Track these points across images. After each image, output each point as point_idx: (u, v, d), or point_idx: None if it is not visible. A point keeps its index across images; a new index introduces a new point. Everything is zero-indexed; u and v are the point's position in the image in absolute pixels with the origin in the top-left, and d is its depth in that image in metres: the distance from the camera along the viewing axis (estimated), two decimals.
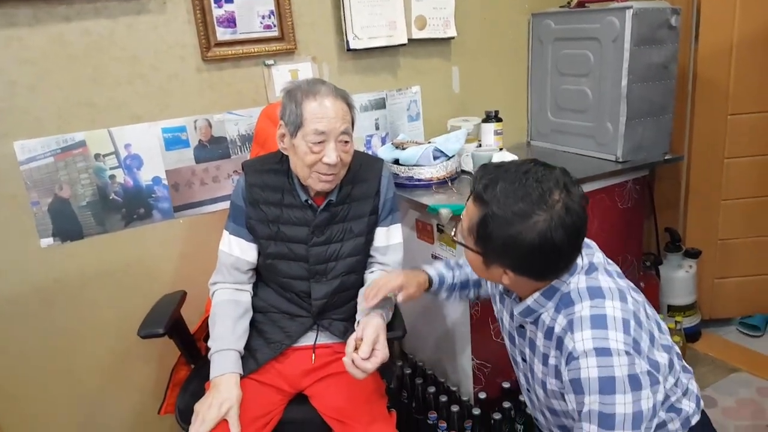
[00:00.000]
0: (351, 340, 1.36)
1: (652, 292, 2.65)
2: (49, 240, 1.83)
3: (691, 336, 2.71)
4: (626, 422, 1.06)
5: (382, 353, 1.34)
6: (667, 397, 1.26)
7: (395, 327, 1.53)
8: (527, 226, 1.08)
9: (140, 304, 1.83)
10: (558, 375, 1.19)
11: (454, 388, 2.11)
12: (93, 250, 1.90)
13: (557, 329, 1.17)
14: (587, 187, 2.13)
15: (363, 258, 1.65)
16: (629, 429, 1.06)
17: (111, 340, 1.98)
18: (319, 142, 1.45)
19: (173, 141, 1.94)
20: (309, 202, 1.57)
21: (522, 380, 1.41)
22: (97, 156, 1.84)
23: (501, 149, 2.19)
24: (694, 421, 1.31)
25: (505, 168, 1.15)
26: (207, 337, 1.88)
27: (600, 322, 1.10)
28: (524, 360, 1.34)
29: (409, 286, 1.50)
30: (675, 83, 2.31)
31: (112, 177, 1.87)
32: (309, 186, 1.54)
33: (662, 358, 1.18)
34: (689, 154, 2.67)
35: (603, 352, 1.07)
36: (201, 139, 1.98)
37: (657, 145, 2.33)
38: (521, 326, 1.30)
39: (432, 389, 2.08)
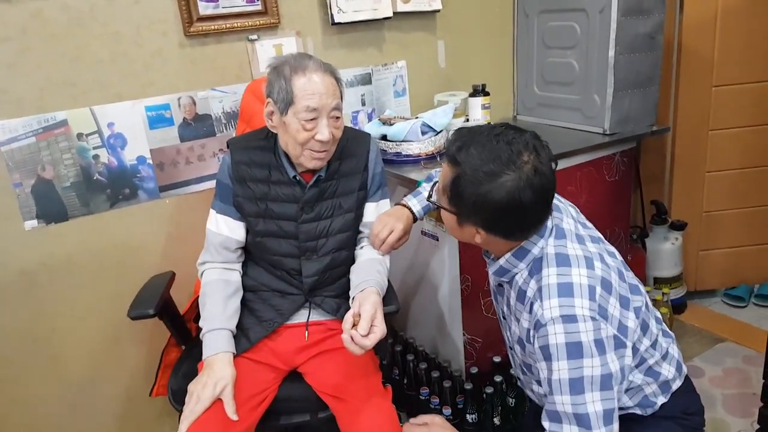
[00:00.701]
0: (348, 317, 1.35)
1: (639, 265, 2.67)
2: (33, 222, 1.79)
3: (677, 307, 2.74)
4: (594, 384, 1.11)
5: (381, 329, 1.33)
6: (643, 360, 1.28)
7: (389, 302, 1.52)
8: (496, 186, 1.12)
9: (128, 286, 1.81)
10: (529, 339, 1.23)
11: (445, 364, 2.12)
12: (78, 231, 1.87)
13: (529, 293, 1.22)
14: (575, 160, 2.14)
15: (353, 234, 1.63)
16: (597, 390, 1.11)
17: (99, 322, 1.96)
18: (311, 119, 1.43)
19: (157, 119, 1.90)
20: (297, 178, 1.55)
21: (505, 337, 1.47)
22: (79, 135, 1.80)
23: (486, 125, 2.18)
24: (675, 386, 1.33)
25: (478, 131, 1.20)
26: (197, 318, 1.86)
27: (566, 290, 1.15)
28: (504, 317, 1.40)
29: (406, 232, 1.60)
30: (661, 54, 2.30)
31: (96, 157, 1.83)
32: (301, 164, 1.52)
33: (632, 322, 1.21)
34: (674, 126, 2.68)
35: (569, 319, 1.12)
36: (185, 117, 1.94)
37: (644, 117, 2.33)
38: (500, 285, 1.36)
39: (423, 365, 2.09)
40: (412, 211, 1.62)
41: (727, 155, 2.70)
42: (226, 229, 1.58)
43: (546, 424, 1.18)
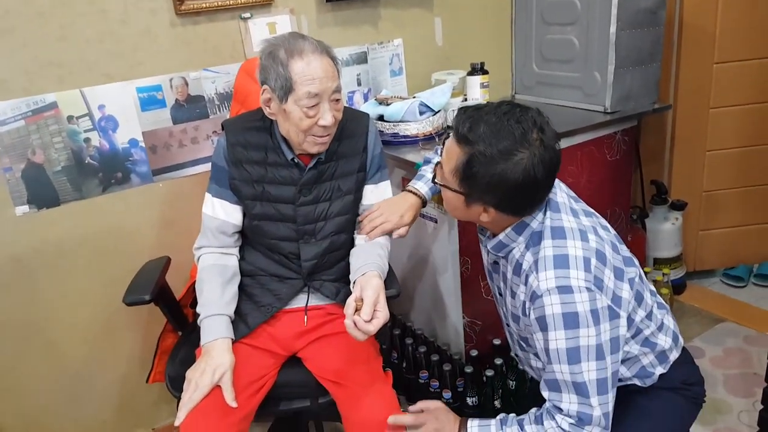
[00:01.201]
0: (351, 302, 1.31)
1: (639, 245, 2.65)
2: (25, 208, 1.76)
3: (676, 288, 2.73)
4: (590, 354, 1.13)
5: (384, 314, 1.31)
6: (639, 330, 1.29)
7: (390, 285, 1.48)
8: (511, 164, 1.12)
9: (122, 272, 1.77)
10: (525, 312, 1.24)
11: (444, 347, 2.10)
12: (71, 217, 1.83)
13: (525, 266, 1.23)
14: (576, 140, 2.10)
15: (352, 217, 1.60)
16: (593, 360, 1.14)
17: (94, 309, 1.93)
18: (313, 105, 1.38)
19: (149, 101, 1.85)
20: (296, 160, 1.51)
21: (501, 314, 1.48)
22: (70, 118, 1.75)
23: (488, 103, 2.14)
24: (672, 357, 1.34)
25: (485, 110, 1.18)
26: (193, 303, 1.84)
27: (562, 261, 1.16)
28: (500, 294, 1.40)
29: (408, 222, 1.57)
30: (663, 30, 2.26)
31: (87, 140, 1.79)
32: (304, 150, 1.48)
33: (626, 293, 1.22)
34: (674, 104, 2.64)
35: (565, 289, 1.13)
36: (178, 99, 1.90)
37: (645, 95, 2.29)
38: (495, 262, 1.36)
39: (423, 349, 2.07)
40: (420, 196, 1.59)
41: (727, 133, 2.67)
42: (223, 213, 1.55)
43: (545, 393, 1.21)
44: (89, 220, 1.86)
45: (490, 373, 1.92)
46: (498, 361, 1.96)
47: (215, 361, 1.38)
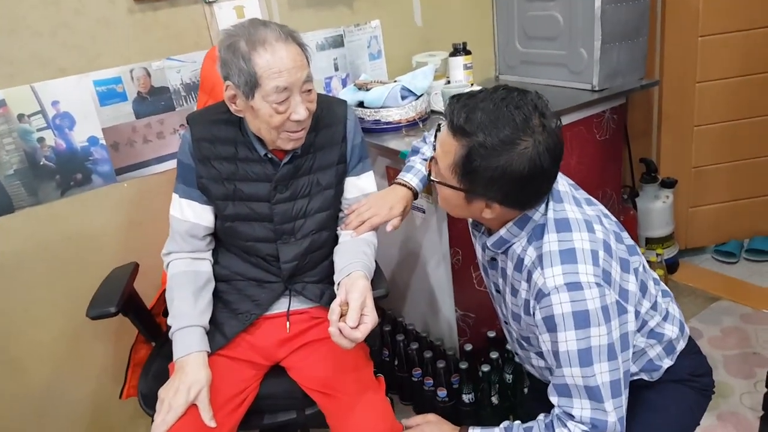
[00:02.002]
0: (335, 307, 1.20)
1: (631, 225, 2.58)
2: None
3: (669, 267, 2.67)
4: (602, 354, 1.06)
5: (372, 319, 1.19)
6: (644, 322, 1.23)
7: (378, 285, 1.37)
8: (515, 154, 1.03)
9: (87, 280, 1.64)
10: (528, 311, 1.16)
11: (437, 343, 2.01)
12: (27, 224, 1.69)
13: (527, 261, 1.14)
14: (564, 120, 1.99)
15: (334, 213, 1.49)
16: (605, 361, 1.06)
17: (58, 322, 1.79)
18: (283, 101, 1.26)
19: (108, 95, 1.71)
20: (269, 156, 1.39)
21: (498, 312, 1.39)
22: (20, 117, 1.61)
23: (472, 85, 2.03)
24: (679, 347, 1.29)
25: (480, 97, 1.08)
26: (166, 311, 1.71)
27: (569, 256, 1.08)
28: (498, 291, 1.32)
29: (398, 214, 1.45)
30: (649, 3, 2.16)
31: (41, 140, 1.64)
32: (278, 147, 1.36)
33: (633, 285, 1.16)
34: (660, 79, 2.57)
35: (574, 286, 1.05)
36: (140, 91, 1.76)
37: (633, 71, 2.20)
38: (493, 258, 1.27)
39: (415, 345, 1.98)
40: (410, 188, 1.48)
41: (714, 108, 2.60)
42: (192, 215, 1.42)
43: (554, 399, 1.13)
44: (48, 226, 1.71)
45: (486, 368, 1.84)
46: (494, 355, 1.88)
47: (190, 378, 1.27)
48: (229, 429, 1.32)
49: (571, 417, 1.09)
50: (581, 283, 1.05)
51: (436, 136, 1.18)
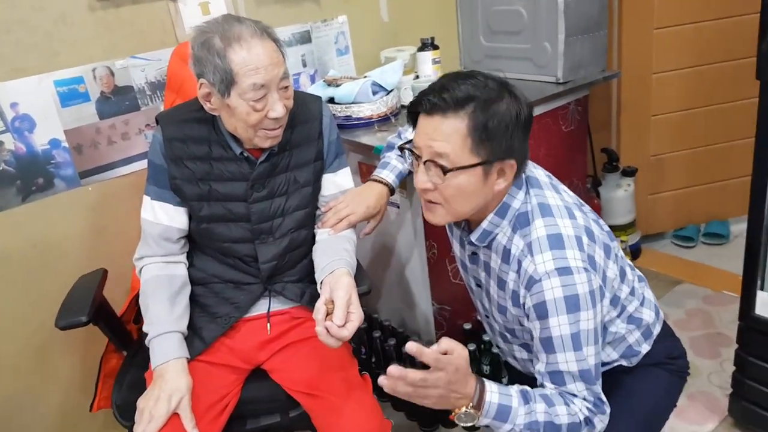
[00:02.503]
0: (320, 306, 1.18)
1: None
2: None
3: (633, 253, 2.75)
4: (589, 338, 1.08)
5: (358, 316, 1.18)
6: (623, 308, 1.25)
7: (360, 282, 1.35)
8: (508, 101, 1.08)
9: (53, 289, 1.59)
10: (517, 301, 1.16)
11: (414, 337, 2.01)
12: None
13: (514, 250, 1.14)
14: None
15: (312, 211, 1.47)
16: (592, 345, 1.09)
17: (23, 333, 1.72)
18: (260, 98, 1.23)
19: (70, 95, 1.64)
20: (245, 154, 1.36)
21: (479, 307, 1.39)
22: None
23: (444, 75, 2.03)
24: (656, 331, 1.31)
25: (447, 78, 1.12)
26: (137, 319, 1.67)
27: (557, 241, 1.10)
28: (479, 285, 1.31)
29: (376, 213, 1.46)
30: None
31: (0, 144, 1.56)
32: (255, 145, 1.33)
33: (612, 271, 1.18)
34: (619, 71, 2.62)
35: (564, 271, 1.07)
36: (103, 91, 1.69)
37: (595, 63, 2.24)
38: (474, 253, 1.27)
39: (392, 341, 1.97)
40: (386, 184, 1.47)
41: (670, 98, 2.69)
42: (165, 218, 1.38)
43: (549, 386, 1.12)
44: (9, 234, 1.64)
45: None
46: (471, 347, 1.89)
47: (170, 385, 1.23)
48: None
49: (574, 395, 1.10)
50: (571, 267, 1.06)
51: (405, 153, 1.18)
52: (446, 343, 1.03)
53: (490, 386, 1.06)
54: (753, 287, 1.61)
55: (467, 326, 1.97)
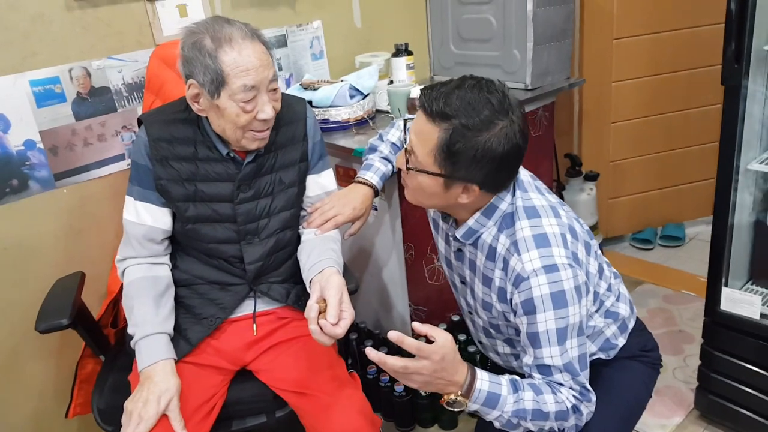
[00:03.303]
0: (312, 305, 1.19)
1: None
2: None
3: None
4: (574, 331, 1.12)
5: (350, 314, 1.20)
6: (601, 303, 1.30)
7: (348, 281, 1.34)
8: (494, 133, 1.07)
9: (27, 293, 1.56)
10: (504, 297, 1.19)
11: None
12: None
13: (500, 249, 1.18)
14: None
15: (297, 211, 1.48)
16: (575, 337, 1.13)
17: None
18: (250, 99, 1.24)
19: (45, 95, 1.61)
20: (231, 155, 1.36)
21: (462, 304, 1.42)
22: None
23: (414, 84, 2.07)
24: (630, 324, 1.37)
25: (453, 85, 1.12)
26: (114, 323, 1.65)
27: (543, 240, 1.13)
28: (463, 282, 1.34)
29: (361, 214, 1.48)
30: (573, 6, 2.29)
31: None
32: (242, 147, 1.33)
33: (593, 267, 1.24)
34: (583, 78, 2.72)
35: (551, 268, 1.11)
36: (79, 92, 1.66)
37: (560, 71, 2.32)
38: (459, 249, 1.30)
39: (369, 342, 1.99)
40: (371, 185, 1.50)
41: (629, 105, 2.80)
42: (149, 218, 1.37)
43: (538, 377, 1.16)
44: None
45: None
46: None
47: (159, 387, 1.22)
48: None
49: (561, 385, 1.14)
50: (557, 264, 1.11)
51: (405, 129, 1.20)
52: (429, 329, 1.07)
53: (481, 374, 1.09)
54: (718, 284, 1.70)
55: (442, 326, 2.00)
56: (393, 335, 1.04)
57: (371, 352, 1.06)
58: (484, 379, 1.09)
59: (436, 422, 2.02)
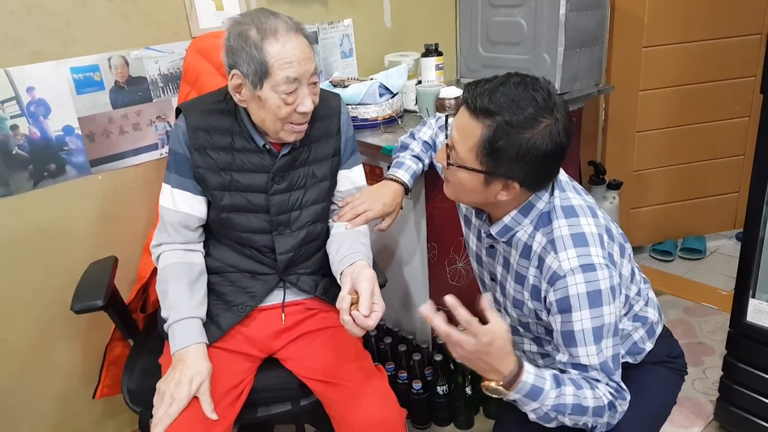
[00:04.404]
0: (345, 296, 1.21)
1: None
2: None
3: None
4: (609, 331, 1.13)
5: (382, 306, 1.22)
6: (631, 306, 1.30)
7: (377, 274, 1.38)
8: (538, 131, 1.07)
9: (58, 276, 1.59)
10: (537, 295, 1.20)
11: (410, 337, 2.04)
12: None
13: (536, 247, 1.18)
14: None
15: (328, 205, 1.50)
16: (610, 337, 1.14)
17: (25, 319, 1.70)
18: (291, 92, 1.26)
19: (85, 82, 1.64)
20: (267, 146, 1.38)
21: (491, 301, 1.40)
22: None
23: (443, 85, 2.09)
24: (658, 330, 1.37)
25: (497, 82, 1.11)
26: (143, 308, 1.68)
27: (580, 239, 1.13)
28: (493, 279, 1.35)
29: (391, 211, 1.49)
30: (606, 12, 2.29)
31: (15, 127, 1.56)
32: (280, 139, 1.35)
33: (626, 270, 1.24)
34: (612, 85, 2.72)
35: (588, 267, 1.11)
36: (117, 80, 1.70)
37: (590, 76, 2.32)
38: (491, 246, 1.30)
39: (388, 340, 2.00)
40: (402, 183, 1.51)
41: (655, 115, 2.78)
42: (186, 206, 1.39)
43: (573, 372, 1.16)
44: (19, 218, 1.63)
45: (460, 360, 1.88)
46: None
47: (191, 369, 1.24)
48: (229, 422, 1.30)
49: (598, 381, 1.14)
50: (594, 264, 1.10)
51: (447, 125, 1.21)
52: (488, 308, 1.05)
53: (528, 367, 1.08)
54: (745, 295, 1.69)
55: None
56: (449, 299, 1.05)
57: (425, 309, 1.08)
58: (530, 371, 1.08)
59: (452, 421, 2.03)
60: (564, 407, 1.09)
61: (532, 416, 1.11)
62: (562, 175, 1.25)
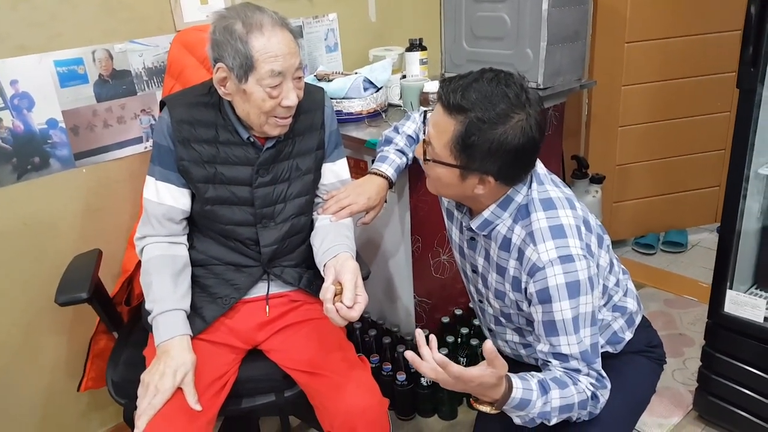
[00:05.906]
0: (329, 287, 1.23)
1: None
2: None
3: None
4: (587, 320, 1.16)
5: (365, 298, 1.24)
6: (610, 297, 1.33)
7: (360, 266, 1.40)
8: (510, 127, 1.09)
9: (43, 269, 1.59)
10: (518, 287, 1.22)
11: (394, 329, 2.06)
12: None
13: (515, 240, 1.20)
14: None
15: (312, 197, 1.51)
16: (588, 326, 1.17)
17: (10, 313, 1.70)
18: (276, 85, 1.27)
19: (69, 76, 1.64)
20: (252, 139, 1.39)
21: (473, 292, 1.45)
22: None
23: (428, 79, 2.10)
24: (637, 319, 1.40)
25: (471, 78, 1.13)
26: (128, 300, 1.68)
27: (559, 231, 1.16)
28: (474, 271, 1.37)
29: (376, 204, 1.51)
30: (588, 8, 2.32)
31: None
32: (264, 132, 1.37)
33: (604, 260, 1.27)
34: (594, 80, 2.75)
35: (567, 259, 1.13)
36: (101, 74, 1.70)
37: (572, 71, 2.34)
38: (472, 238, 1.33)
39: (373, 332, 2.02)
40: (385, 177, 1.53)
41: (637, 110, 2.82)
42: (170, 198, 1.40)
43: (555, 363, 1.19)
44: (2, 211, 1.62)
45: (443, 351, 1.90)
46: (450, 339, 1.96)
47: (175, 361, 1.26)
48: (213, 413, 1.32)
49: (579, 371, 1.17)
50: (572, 255, 1.13)
51: (424, 121, 1.23)
52: (492, 356, 1.03)
53: (516, 383, 1.09)
54: (723, 286, 1.72)
55: (445, 320, 2.04)
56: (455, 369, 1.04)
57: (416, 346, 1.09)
58: (518, 387, 1.09)
59: (436, 412, 2.05)
60: (549, 414, 1.12)
61: (517, 421, 1.13)
62: (540, 168, 1.27)
